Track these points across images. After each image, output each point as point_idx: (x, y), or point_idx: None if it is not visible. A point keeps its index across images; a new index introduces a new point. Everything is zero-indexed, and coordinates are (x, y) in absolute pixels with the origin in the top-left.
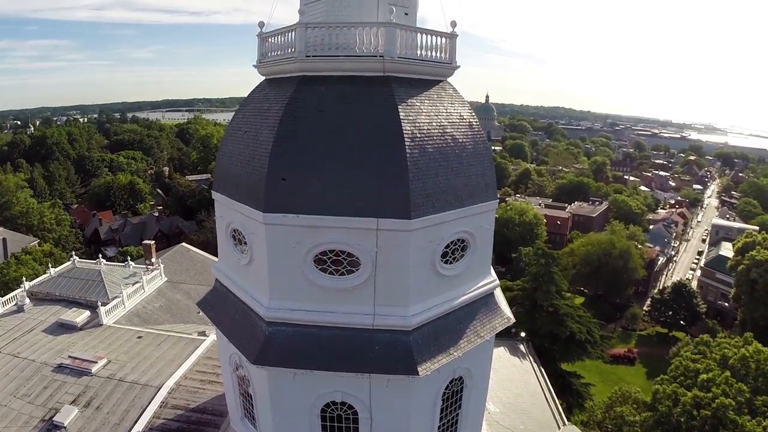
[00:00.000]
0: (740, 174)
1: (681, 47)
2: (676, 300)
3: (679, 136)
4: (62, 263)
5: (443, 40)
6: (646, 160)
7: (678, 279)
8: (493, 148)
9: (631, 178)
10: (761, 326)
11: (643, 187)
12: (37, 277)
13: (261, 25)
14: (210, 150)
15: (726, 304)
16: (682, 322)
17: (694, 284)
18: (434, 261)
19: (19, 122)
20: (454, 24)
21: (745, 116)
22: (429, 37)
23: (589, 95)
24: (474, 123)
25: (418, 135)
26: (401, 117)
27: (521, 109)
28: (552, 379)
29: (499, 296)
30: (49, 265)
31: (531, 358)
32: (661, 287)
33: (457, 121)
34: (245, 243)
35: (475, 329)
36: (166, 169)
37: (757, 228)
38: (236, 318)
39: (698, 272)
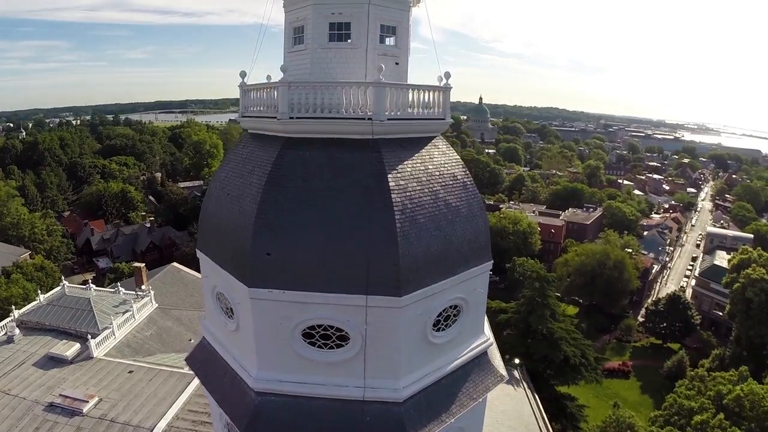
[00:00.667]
0: (734, 176)
1: (674, 47)
2: (670, 311)
3: (672, 137)
4: (54, 277)
5: (436, 94)
6: (640, 162)
7: (672, 287)
8: (486, 150)
9: (625, 182)
10: (756, 344)
11: (637, 191)
12: (27, 297)
13: (242, 74)
14: (202, 155)
15: (720, 313)
16: (676, 333)
17: (688, 292)
18: (426, 331)
19: (11, 125)
20: (447, 75)
21: (738, 116)
22: (421, 92)
23: (582, 95)
24: (468, 183)
25: (409, 205)
26: (391, 187)
27: (514, 109)
28: (546, 404)
29: (492, 351)
30: (39, 292)
31: (525, 384)
32: (655, 296)
33: (451, 183)
34: (231, 309)
35: (467, 392)
36: (159, 175)
37: (751, 236)
38: (225, 382)
39: (693, 281)
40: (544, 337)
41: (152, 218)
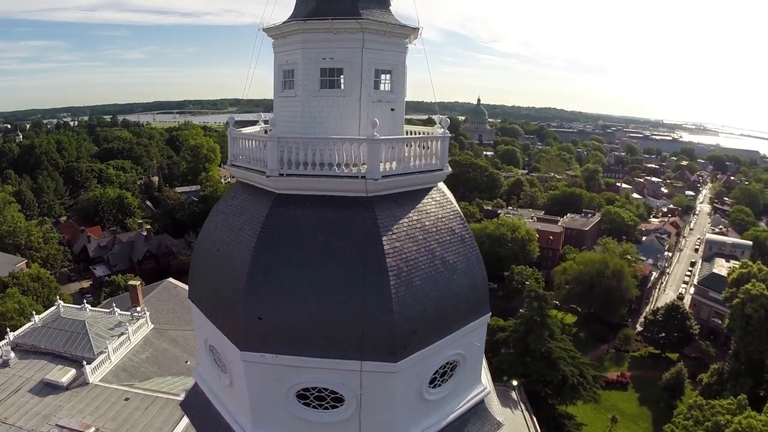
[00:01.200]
0: (732, 178)
1: (672, 47)
2: (669, 321)
3: (670, 138)
4: (50, 287)
5: (434, 144)
6: (638, 164)
7: (671, 294)
8: (484, 153)
9: (624, 186)
10: (755, 360)
11: (635, 195)
12: (23, 312)
13: (232, 120)
14: (199, 159)
15: (719, 321)
16: (675, 342)
17: (687, 299)
18: (421, 390)
19: (9, 126)
20: (446, 123)
21: (736, 116)
22: (418, 144)
23: (580, 95)
24: (466, 236)
25: (405, 269)
26: (386, 250)
27: (512, 110)
28: (545, 424)
29: (490, 398)
30: (34, 313)
31: (523, 406)
32: (654, 303)
33: (448, 239)
34: (225, 364)
35: None
36: (156, 179)
37: (750, 243)
38: None
39: (691, 289)
40: (543, 357)
41: (149, 227)
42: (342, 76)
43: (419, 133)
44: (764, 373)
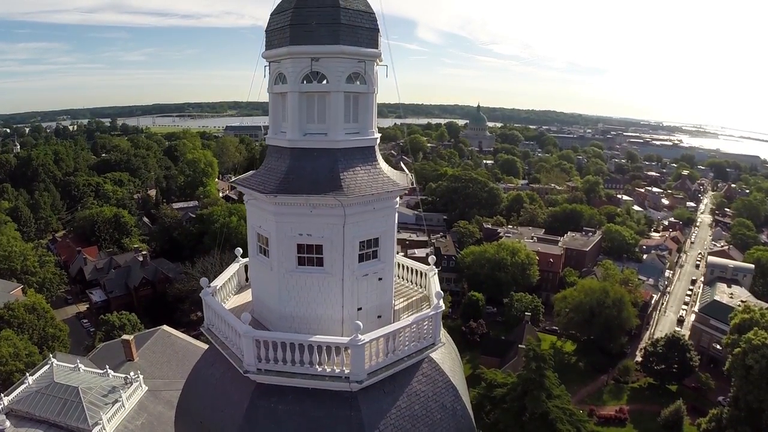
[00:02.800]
0: (732, 186)
1: (671, 48)
2: (669, 353)
3: (671, 143)
4: (46, 319)
5: (426, 323)
6: (639, 171)
7: (671, 315)
8: (485, 161)
9: (625, 197)
10: (755, 408)
11: (636, 207)
12: (17, 355)
13: (205, 282)
14: (197, 174)
15: (719, 346)
16: (674, 371)
17: (688, 321)
18: None
19: (8, 130)
20: (439, 296)
21: (735, 117)
22: (410, 329)
23: (579, 96)
24: (458, 408)
25: None
26: None
27: (512, 113)
28: None
29: None
30: (27, 374)
31: None
32: (654, 327)
33: (439, 417)
34: None
35: None
36: (153, 192)
37: (752, 267)
38: None
39: (692, 316)
40: (539, 418)
41: (144, 252)
42: (321, 255)
43: (413, 271)
44: (763, 421)
